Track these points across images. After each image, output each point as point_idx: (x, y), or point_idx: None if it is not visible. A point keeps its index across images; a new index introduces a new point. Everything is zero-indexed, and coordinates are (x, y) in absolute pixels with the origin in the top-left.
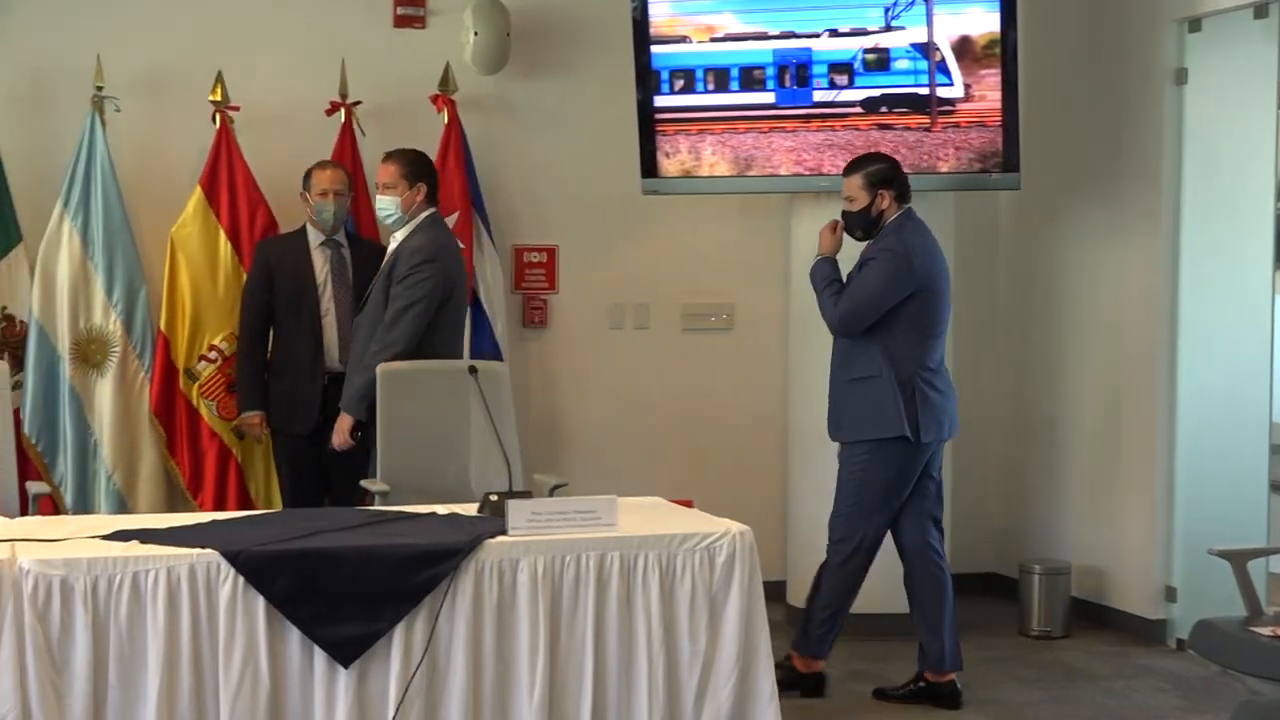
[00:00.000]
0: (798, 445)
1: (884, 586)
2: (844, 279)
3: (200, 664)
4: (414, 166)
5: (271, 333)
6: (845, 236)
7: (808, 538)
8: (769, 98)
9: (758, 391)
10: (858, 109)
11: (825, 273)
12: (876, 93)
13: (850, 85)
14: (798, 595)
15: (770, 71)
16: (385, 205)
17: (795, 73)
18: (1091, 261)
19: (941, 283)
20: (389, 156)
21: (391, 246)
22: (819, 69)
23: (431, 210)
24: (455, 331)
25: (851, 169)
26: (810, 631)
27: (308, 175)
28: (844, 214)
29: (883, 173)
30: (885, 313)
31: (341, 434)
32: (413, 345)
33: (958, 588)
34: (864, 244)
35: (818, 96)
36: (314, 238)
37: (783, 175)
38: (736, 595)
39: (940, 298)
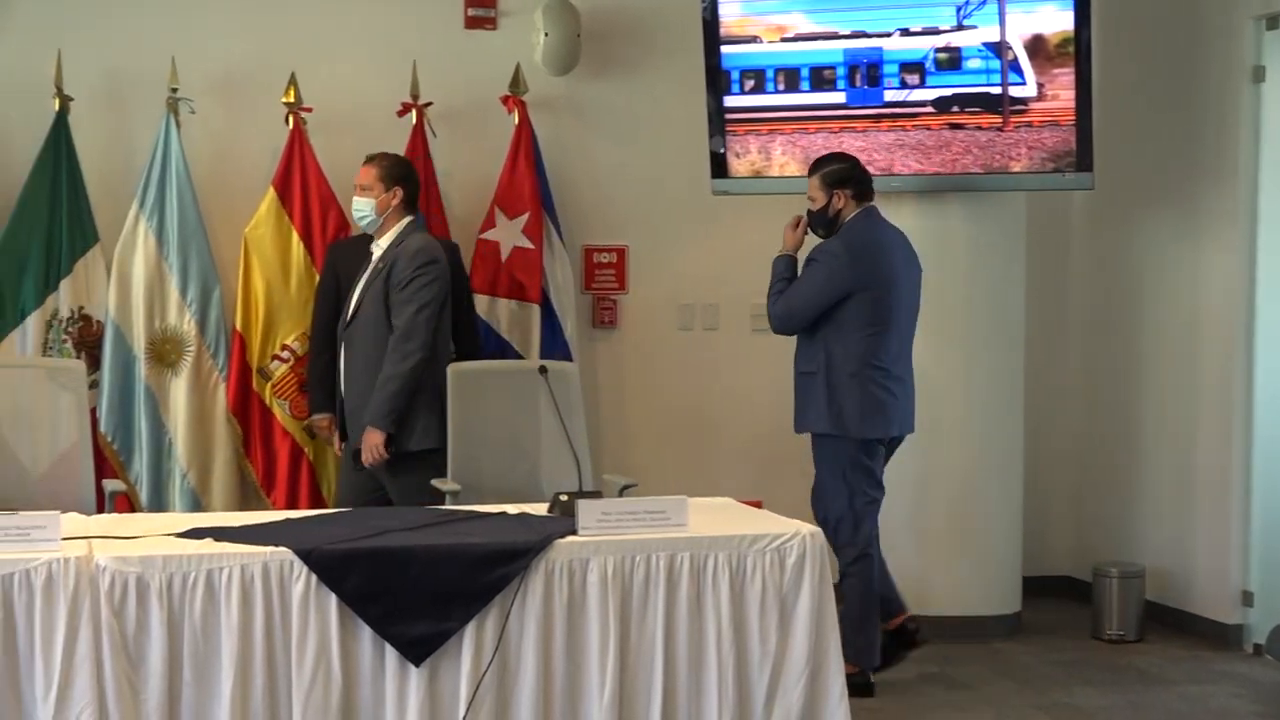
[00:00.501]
0: None
1: (953, 588)
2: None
3: (273, 661)
4: (392, 170)
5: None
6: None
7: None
8: (840, 97)
9: None
10: (929, 109)
11: (779, 270)
12: (948, 92)
13: (921, 85)
14: None
15: (841, 71)
16: (361, 207)
17: (866, 72)
18: (1166, 262)
19: (892, 280)
20: (369, 159)
21: (377, 253)
22: (890, 68)
23: (411, 218)
24: (448, 334)
25: (812, 169)
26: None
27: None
28: (807, 213)
29: (839, 173)
30: (827, 310)
31: (371, 450)
32: (429, 351)
33: (1030, 589)
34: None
35: (888, 96)
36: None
37: None
38: (807, 596)
39: (889, 295)
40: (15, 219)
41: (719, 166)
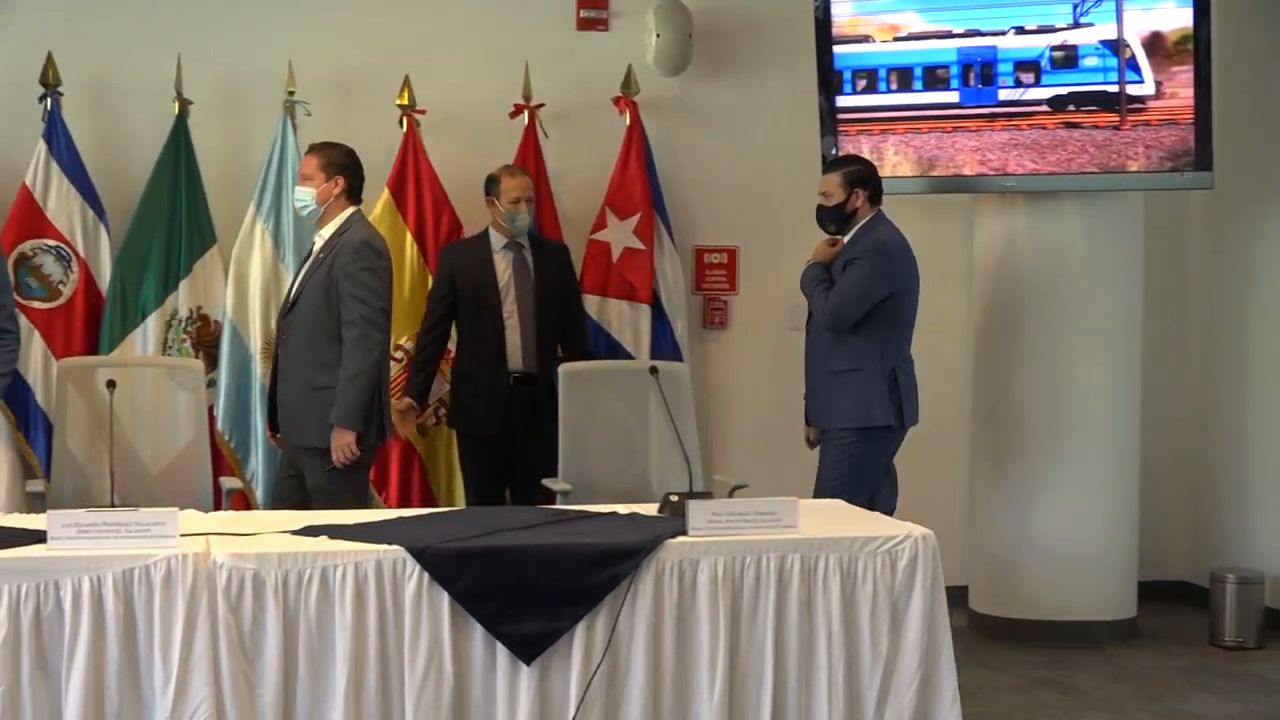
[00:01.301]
0: (983, 449)
1: (1067, 593)
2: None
3: (386, 658)
4: (333, 159)
5: (455, 336)
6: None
7: (990, 543)
8: (953, 97)
9: (939, 393)
10: (1044, 107)
11: (815, 274)
12: (1064, 91)
13: (1036, 84)
14: (979, 601)
15: (954, 70)
16: (301, 197)
17: (980, 71)
18: None
19: (915, 282)
20: (311, 149)
21: (319, 243)
22: (1004, 67)
23: (355, 208)
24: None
25: (832, 166)
26: None
27: (493, 181)
28: (819, 208)
29: (860, 173)
30: (869, 309)
31: (342, 449)
32: (388, 344)
33: (1146, 594)
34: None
35: (1003, 95)
36: (496, 241)
37: (966, 175)
38: (919, 599)
39: (914, 296)
40: (136, 221)
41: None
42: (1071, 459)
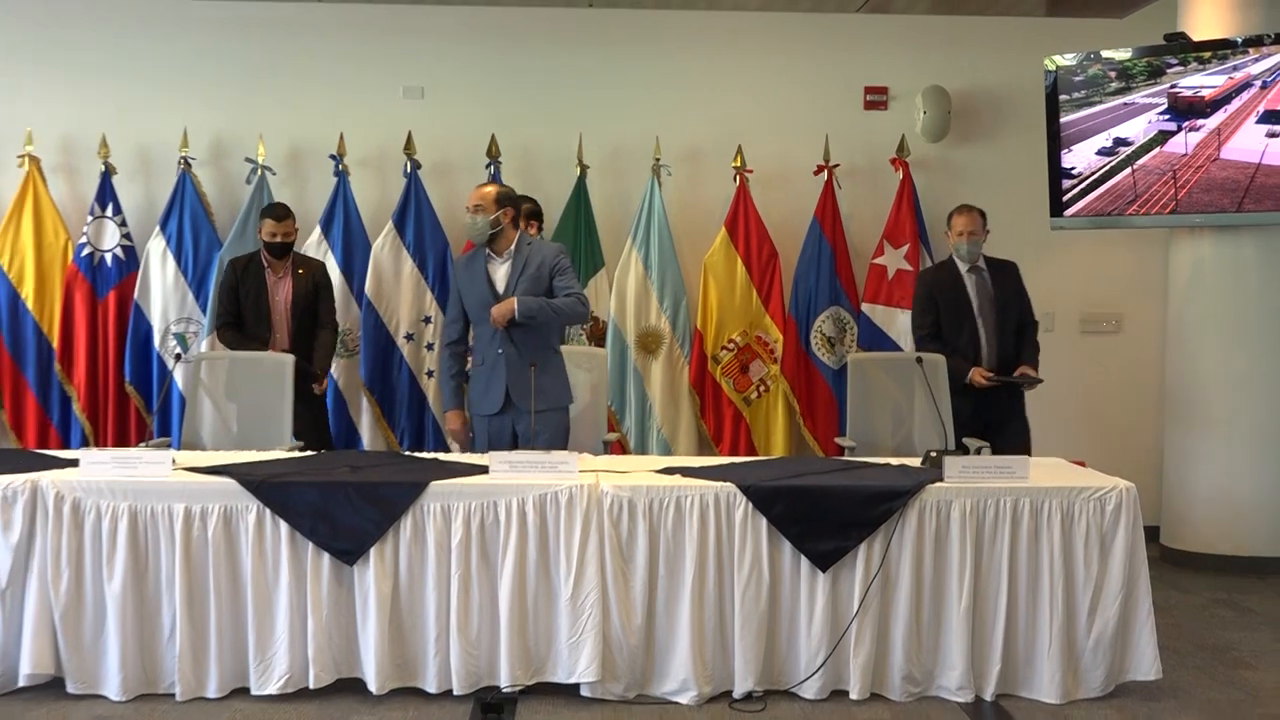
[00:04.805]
0: (1173, 423)
1: (1239, 533)
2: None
3: (721, 563)
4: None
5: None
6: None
7: (1178, 493)
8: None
9: (1140, 380)
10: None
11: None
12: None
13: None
14: (1169, 537)
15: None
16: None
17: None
18: None
19: None
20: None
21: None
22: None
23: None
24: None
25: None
26: None
27: (949, 218)
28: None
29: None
30: None
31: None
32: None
33: None
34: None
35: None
36: (961, 266)
37: (1157, 214)
38: (1122, 536)
39: None
40: None
41: (1056, 209)
42: (1240, 430)
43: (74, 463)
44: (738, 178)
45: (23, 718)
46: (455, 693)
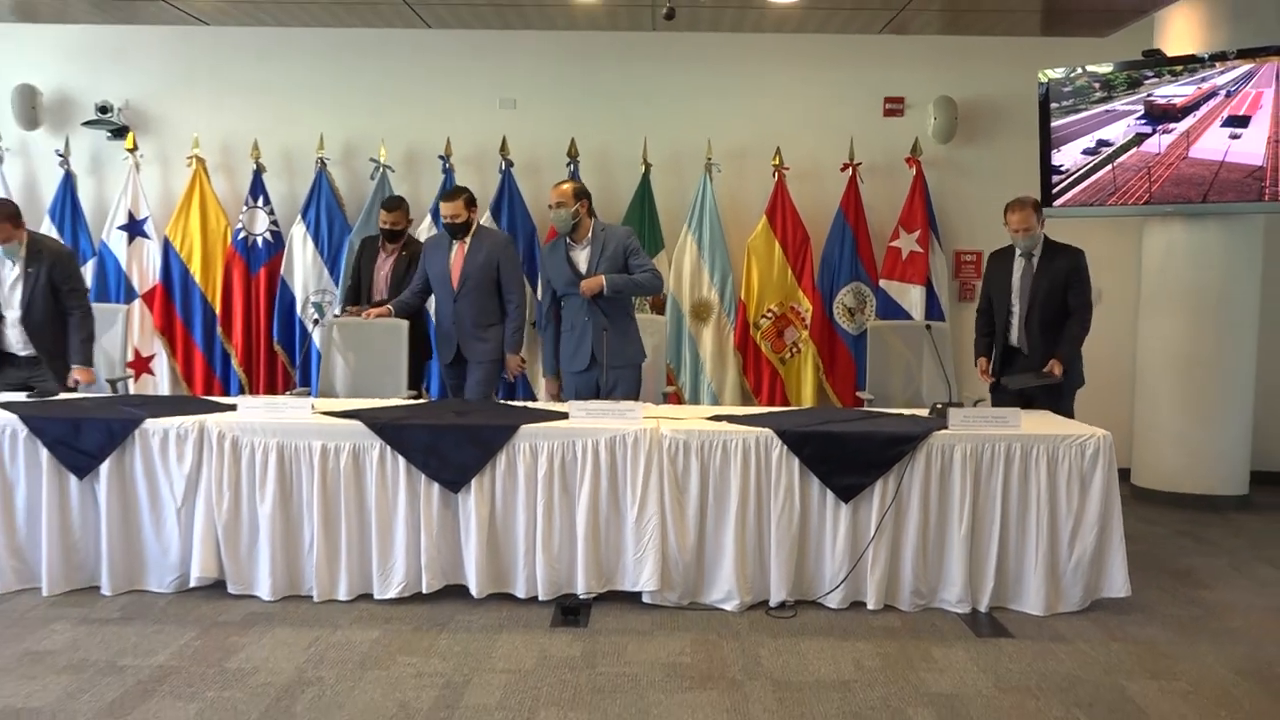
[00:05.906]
0: (1143, 382)
1: (1199, 474)
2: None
3: (760, 495)
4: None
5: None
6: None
7: (1147, 440)
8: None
9: (1117, 345)
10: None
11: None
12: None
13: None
14: (1139, 477)
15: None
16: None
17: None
18: None
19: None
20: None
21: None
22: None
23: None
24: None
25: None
26: None
27: (1006, 211)
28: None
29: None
30: None
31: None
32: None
33: (1256, 479)
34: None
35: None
36: (1017, 250)
37: (1133, 205)
38: (1099, 476)
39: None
40: None
41: (1047, 199)
42: (1200, 388)
43: (233, 407)
44: (776, 174)
45: (195, 610)
46: (540, 598)
